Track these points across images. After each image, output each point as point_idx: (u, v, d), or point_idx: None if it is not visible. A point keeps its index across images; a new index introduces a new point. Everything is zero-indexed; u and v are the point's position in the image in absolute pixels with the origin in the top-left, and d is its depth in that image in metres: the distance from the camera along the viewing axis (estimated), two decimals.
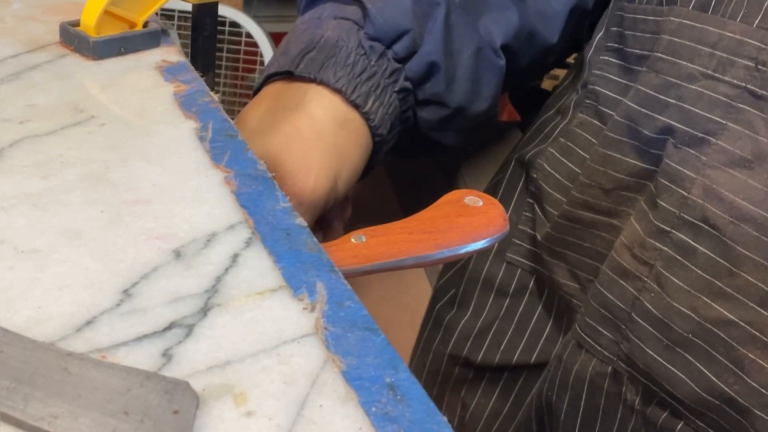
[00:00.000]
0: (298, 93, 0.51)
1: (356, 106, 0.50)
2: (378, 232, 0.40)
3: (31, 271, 0.31)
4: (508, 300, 0.61)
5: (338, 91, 0.50)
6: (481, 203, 0.42)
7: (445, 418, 0.26)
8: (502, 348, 0.61)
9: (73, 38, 0.49)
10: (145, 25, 0.51)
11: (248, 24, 1.70)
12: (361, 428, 0.25)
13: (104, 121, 0.42)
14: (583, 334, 0.53)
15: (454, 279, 0.64)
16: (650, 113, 0.49)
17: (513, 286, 0.61)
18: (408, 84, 0.53)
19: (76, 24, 0.49)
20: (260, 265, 0.32)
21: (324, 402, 0.26)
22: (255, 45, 1.71)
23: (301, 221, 0.35)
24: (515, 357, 0.60)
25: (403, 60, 0.52)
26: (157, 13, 0.52)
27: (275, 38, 1.77)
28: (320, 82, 0.50)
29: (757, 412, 0.44)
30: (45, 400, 0.24)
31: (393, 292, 0.70)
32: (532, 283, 0.61)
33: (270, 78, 0.53)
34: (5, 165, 0.37)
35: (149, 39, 0.51)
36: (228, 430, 0.25)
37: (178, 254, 0.32)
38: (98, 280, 0.31)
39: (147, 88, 0.46)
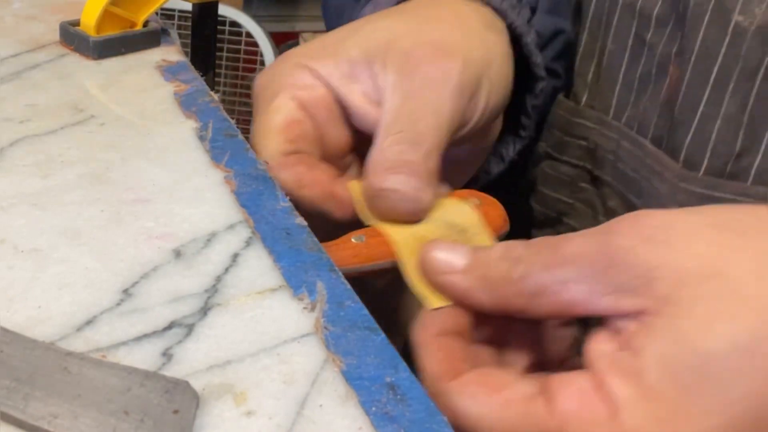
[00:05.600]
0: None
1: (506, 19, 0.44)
2: (378, 231, 0.40)
3: (31, 270, 0.31)
4: None
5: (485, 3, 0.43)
6: (480, 203, 0.42)
7: (445, 418, 0.26)
8: None
9: (73, 38, 0.49)
10: (145, 24, 0.51)
11: (248, 24, 1.70)
12: (361, 428, 0.25)
13: (104, 121, 0.42)
14: None
15: None
16: None
17: None
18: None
19: (76, 23, 0.49)
20: (260, 265, 0.32)
21: (324, 401, 0.26)
22: (255, 45, 1.71)
23: (301, 221, 0.35)
24: None
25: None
26: (157, 13, 0.52)
27: (275, 38, 1.77)
28: None
29: None
30: (45, 400, 0.24)
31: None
32: None
33: None
34: (5, 164, 0.37)
35: (149, 38, 0.51)
36: (228, 430, 0.25)
37: (178, 254, 0.32)
38: (98, 280, 0.31)
39: (147, 87, 0.46)
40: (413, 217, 0.37)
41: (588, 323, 0.31)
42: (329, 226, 0.38)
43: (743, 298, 0.26)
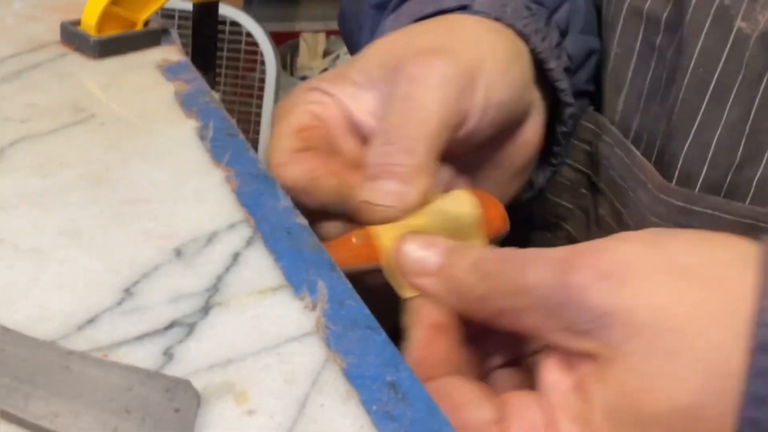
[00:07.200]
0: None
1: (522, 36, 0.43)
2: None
3: (32, 270, 0.31)
4: None
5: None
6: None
7: (446, 417, 0.26)
8: None
9: (73, 37, 0.49)
10: (146, 24, 0.51)
11: (248, 23, 1.70)
12: (362, 427, 0.25)
13: (105, 121, 0.42)
14: None
15: None
16: None
17: None
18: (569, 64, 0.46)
19: (77, 23, 0.49)
20: (261, 264, 0.32)
21: (325, 401, 0.26)
22: (255, 44, 1.71)
23: (302, 220, 0.35)
24: None
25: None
26: (157, 13, 0.52)
27: (275, 38, 1.77)
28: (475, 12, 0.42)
29: None
30: (46, 399, 0.24)
31: None
32: None
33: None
34: (5, 164, 0.37)
35: (150, 38, 0.51)
36: (229, 429, 0.25)
37: (178, 253, 0.32)
38: (99, 279, 0.31)
39: (147, 87, 0.46)
40: (394, 220, 0.37)
41: None
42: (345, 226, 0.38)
43: (692, 360, 0.27)
